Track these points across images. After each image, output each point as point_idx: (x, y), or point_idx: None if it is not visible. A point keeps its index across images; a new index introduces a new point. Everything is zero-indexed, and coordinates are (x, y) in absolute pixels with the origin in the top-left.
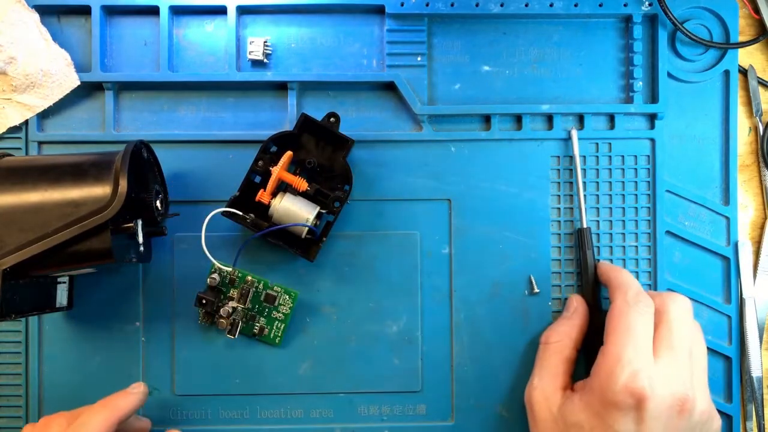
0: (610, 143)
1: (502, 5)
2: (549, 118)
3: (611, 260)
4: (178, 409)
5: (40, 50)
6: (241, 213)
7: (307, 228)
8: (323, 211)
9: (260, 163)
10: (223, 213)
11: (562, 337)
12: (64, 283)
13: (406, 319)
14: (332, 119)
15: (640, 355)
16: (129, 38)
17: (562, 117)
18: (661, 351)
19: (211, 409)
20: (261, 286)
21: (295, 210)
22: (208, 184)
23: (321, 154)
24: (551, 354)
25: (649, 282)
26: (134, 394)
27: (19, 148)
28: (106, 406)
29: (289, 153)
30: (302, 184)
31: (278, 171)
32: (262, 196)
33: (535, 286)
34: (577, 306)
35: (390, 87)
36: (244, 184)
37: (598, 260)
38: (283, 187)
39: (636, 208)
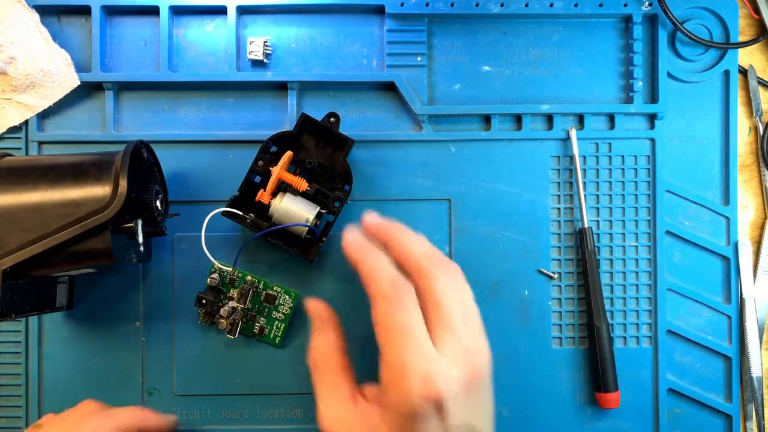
0: (610, 143)
1: (502, 5)
2: (549, 118)
3: (611, 260)
4: (178, 409)
5: (40, 50)
6: (241, 213)
7: (307, 228)
8: (323, 211)
9: (260, 163)
10: (223, 213)
11: (324, 352)
12: (64, 283)
13: None
14: (332, 119)
15: (422, 354)
16: (129, 38)
17: (562, 117)
18: (439, 334)
19: (211, 409)
20: (261, 286)
21: (295, 210)
22: (208, 184)
23: (321, 154)
24: (323, 375)
25: (649, 282)
26: (165, 418)
27: (19, 148)
28: (138, 411)
29: (289, 153)
30: (302, 184)
31: (278, 171)
32: (262, 196)
33: (550, 273)
34: (319, 313)
35: (390, 87)
36: (244, 184)
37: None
38: (283, 187)
39: (636, 208)
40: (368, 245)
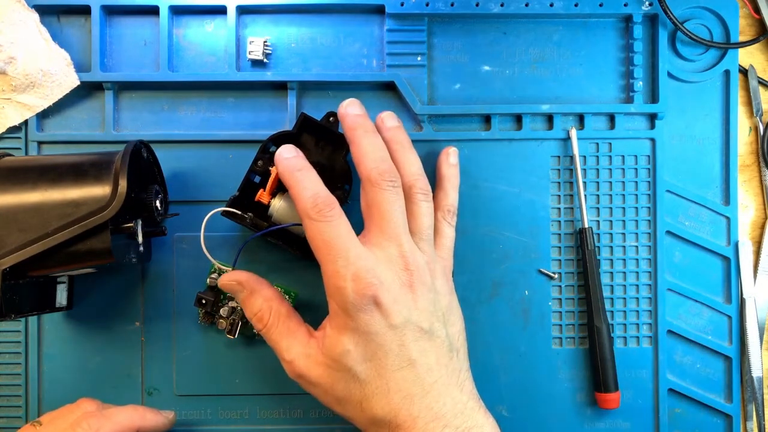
0: (610, 143)
1: (502, 5)
2: (549, 118)
3: (611, 260)
4: (178, 409)
5: (40, 50)
6: (240, 213)
7: None
8: None
9: (260, 163)
10: (223, 213)
11: (268, 306)
12: (64, 283)
13: None
14: (331, 119)
15: (352, 257)
16: (129, 38)
17: (562, 117)
18: (375, 240)
19: (211, 409)
20: None
21: (293, 212)
22: (208, 184)
23: (321, 153)
24: (273, 328)
25: (650, 282)
26: (164, 415)
27: (19, 148)
28: (137, 409)
29: None
30: None
31: (278, 171)
32: (262, 195)
33: (550, 273)
34: (239, 279)
35: (390, 87)
36: (244, 184)
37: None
38: (282, 187)
39: (636, 208)
40: (362, 124)
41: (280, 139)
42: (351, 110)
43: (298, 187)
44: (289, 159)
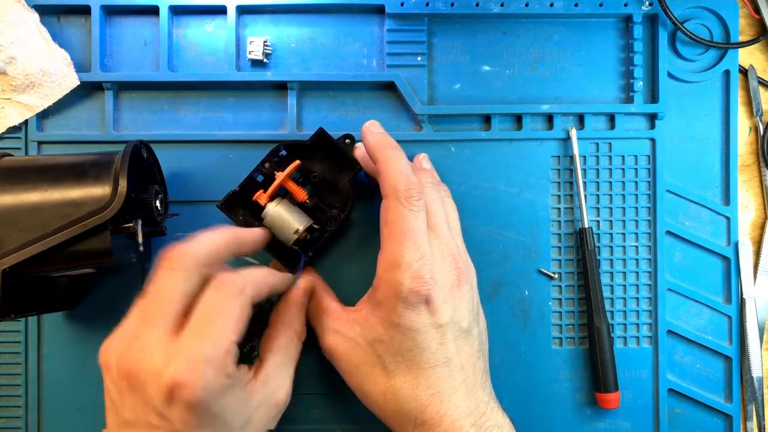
0: (610, 143)
1: (502, 5)
2: (549, 118)
3: (611, 260)
4: None
5: (40, 50)
6: (241, 211)
7: (294, 238)
8: (316, 226)
9: (267, 165)
10: (219, 206)
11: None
12: (64, 283)
13: None
14: (347, 141)
15: (419, 253)
16: (129, 38)
17: (562, 117)
18: (430, 237)
19: None
20: None
21: (287, 218)
22: (208, 184)
23: (328, 169)
24: (310, 305)
25: (650, 282)
26: (259, 232)
27: (19, 148)
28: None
29: (297, 162)
30: (302, 195)
31: (283, 177)
32: (260, 196)
33: (550, 273)
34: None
35: (390, 87)
36: (246, 181)
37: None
38: (281, 193)
39: (636, 208)
40: (390, 142)
41: (292, 146)
42: (374, 129)
43: (394, 165)
44: (379, 134)
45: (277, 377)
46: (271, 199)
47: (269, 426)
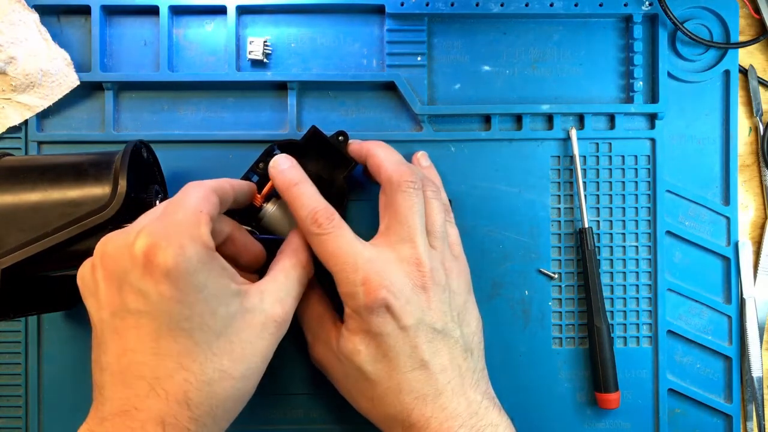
0: (610, 143)
1: (502, 5)
2: (549, 118)
3: (611, 260)
4: None
5: (40, 50)
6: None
7: None
8: None
9: (261, 165)
10: None
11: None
12: (64, 283)
13: None
14: (341, 138)
15: (358, 261)
16: (129, 38)
17: (562, 117)
18: (393, 240)
19: None
20: None
21: (284, 221)
22: None
23: (322, 167)
24: (305, 310)
25: (649, 282)
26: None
27: (19, 148)
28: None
29: None
30: None
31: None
32: (255, 198)
33: (550, 273)
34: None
35: (390, 87)
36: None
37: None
38: (277, 193)
39: (636, 208)
40: (378, 142)
41: (286, 146)
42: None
43: (296, 203)
44: (285, 171)
45: (275, 293)
46: (267, 199)
47: (262, 343)
